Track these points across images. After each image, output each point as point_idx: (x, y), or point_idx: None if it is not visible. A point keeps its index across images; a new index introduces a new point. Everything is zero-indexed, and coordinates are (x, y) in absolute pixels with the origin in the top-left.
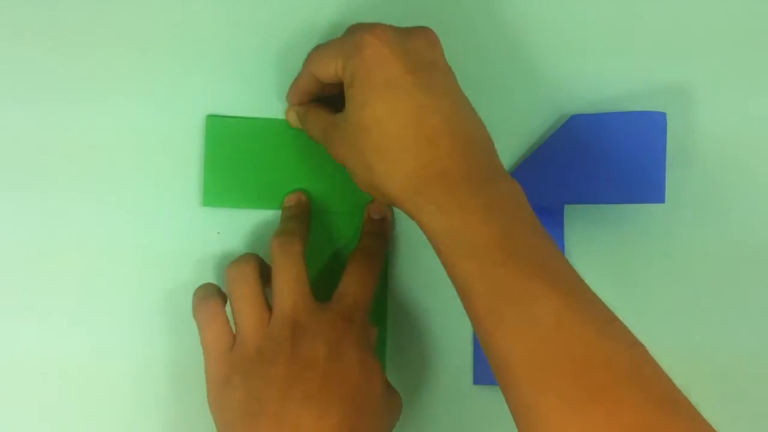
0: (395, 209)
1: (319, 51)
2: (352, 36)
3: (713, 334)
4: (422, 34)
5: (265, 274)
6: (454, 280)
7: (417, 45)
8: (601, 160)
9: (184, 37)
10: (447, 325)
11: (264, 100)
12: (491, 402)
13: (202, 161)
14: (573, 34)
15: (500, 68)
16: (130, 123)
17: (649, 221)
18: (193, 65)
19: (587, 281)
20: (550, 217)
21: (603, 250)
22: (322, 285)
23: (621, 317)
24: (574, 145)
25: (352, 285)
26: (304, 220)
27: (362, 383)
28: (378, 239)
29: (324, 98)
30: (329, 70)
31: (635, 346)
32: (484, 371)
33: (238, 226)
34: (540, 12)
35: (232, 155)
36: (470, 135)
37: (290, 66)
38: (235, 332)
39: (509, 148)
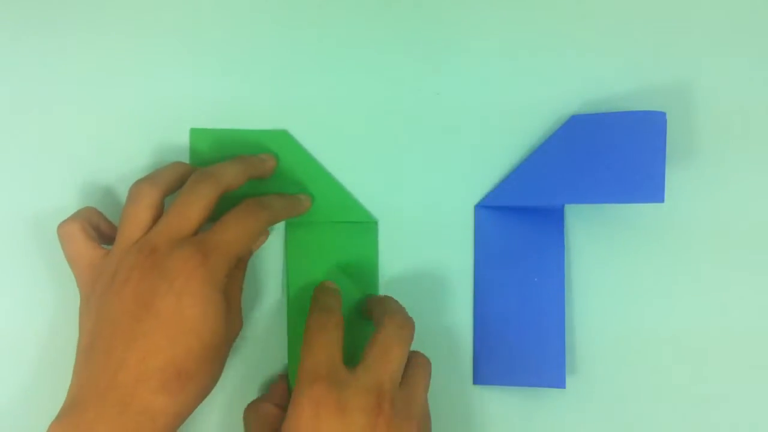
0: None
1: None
2: (301, 380)
3: (713, 334)
4: (370, 415)
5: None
6: None
7: (359, 422)
8: (601, 160)
9: (170, 51)
10: (446, 325)
11: (247, 112)
12: (491, 402)
13: None
14: (573, 33)
15: (500, 68)
16: (117, 137)
17: (649, 221)
18: (178, 79)
19: (587, 281)
20: (550, 217)
21: (603, 250)
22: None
23: (621, 316)
24: (574, 145)
25: (224, 224)
26: (271, 202)
27: (199, 326)
28: (278, 200)
29: None
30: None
31: None
32: (484, 371)
33: None
34: (540, 12)
35: None
36: None
37: (275, 79)
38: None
39: (509, 148)
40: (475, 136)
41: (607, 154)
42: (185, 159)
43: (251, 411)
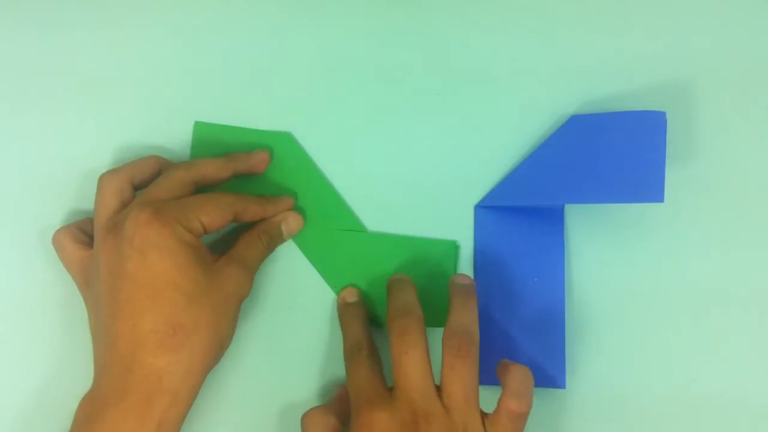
0: None
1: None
2: (354, 407)
3: (712, 333)
4: None
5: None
6: None
7: None
8: (601, 160)
9: (182, 47)
10: None
11: (252, 112)
12: (491, 402)
13: None
14: (573, 33)
15: (500, 68)
16: (125, 123)
17: (649, 221)
18: (188, 73)
19: (587, 281)
20: (550, 217)
21: (603, 250)
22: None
23: (621, 316)
24: (574, 145)
25: (202, 197)
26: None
27: (174, 278)
28: (254, 196)
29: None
30: None
31: None
32: (485, 371)
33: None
34: (540, 12)
35: None
36: None
37: (277, 80)
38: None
39: (509, 148)
40: (475, 136)
41: (607, 154)
42: (188, 150)
43: (314, 420)
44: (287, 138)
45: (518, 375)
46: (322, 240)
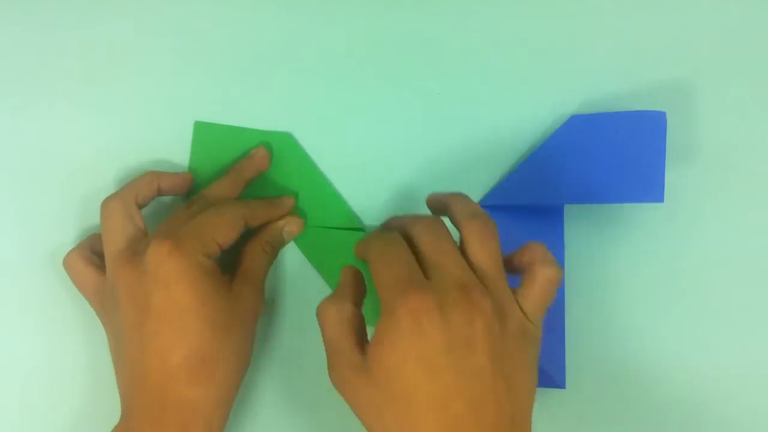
0: None
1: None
2: (390, 294)
3: (713, 334)
4: (464, 309)
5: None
6: None
7: (457, 320)
8: (601, 159)
9: (182, 47)
10: None
11: (252, 112)
12: None
13: (188, 165)
14: (573, 33)
15: (500, 68)
16: (125, 123)
17: (648, 221)
18: (188, 73)
19: (587, 281)
20: (550, 217)
21: (603, 250)
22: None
23: (620, 317)
24: (574, 145)
25: (199, 216)
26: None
27: (200, 310)
28: (257, 200)
29: None
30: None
31: None
32: None
33: None
34: (540, 12)
35: (216, 161)
36: (498, 420)
37: (277, 80)
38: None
39: (509, 148)
40: (475, 136)
41: (607, 154)
42: (187, 150)
43: (329, 311)
44: (287, 138)
45: (539, 246)
46: (322, 240)
